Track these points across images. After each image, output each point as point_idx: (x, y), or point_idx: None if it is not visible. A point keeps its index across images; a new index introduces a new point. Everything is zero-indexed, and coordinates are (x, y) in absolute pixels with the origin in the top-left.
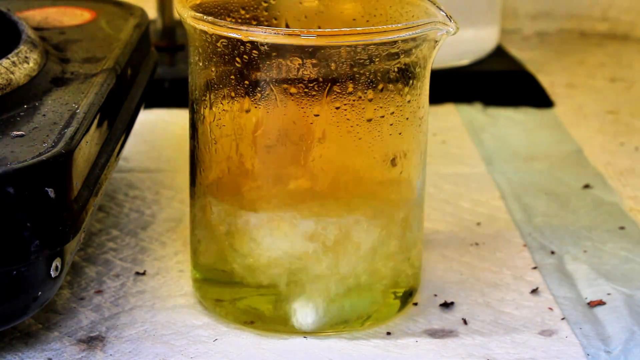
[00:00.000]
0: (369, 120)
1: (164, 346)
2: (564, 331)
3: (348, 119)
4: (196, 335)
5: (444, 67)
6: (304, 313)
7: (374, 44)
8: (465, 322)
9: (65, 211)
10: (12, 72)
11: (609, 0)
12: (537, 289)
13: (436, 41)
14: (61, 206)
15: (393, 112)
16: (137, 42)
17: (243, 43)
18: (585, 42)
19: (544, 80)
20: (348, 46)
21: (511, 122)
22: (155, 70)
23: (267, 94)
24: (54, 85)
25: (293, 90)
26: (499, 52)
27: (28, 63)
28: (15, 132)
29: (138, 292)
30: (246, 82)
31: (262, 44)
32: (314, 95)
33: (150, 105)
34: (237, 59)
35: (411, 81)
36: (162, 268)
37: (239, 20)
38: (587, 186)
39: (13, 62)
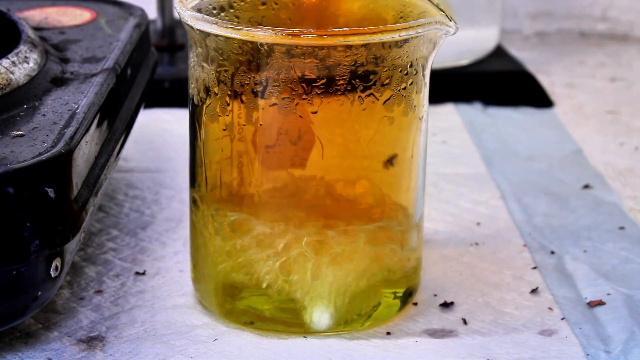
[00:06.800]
0: (369, 119)
1: (163, 346)
2: (564, 331)
3: (348, 118)
4: (196, 335)
5: (444, 67)
6: (304, 313)
7: (374, 44)
8: (465, 322)
9: (65, 211)
10: (12, 72)
11: (609, 0)
12: (537, 289)
13: (436, 41)
14: (61, 206)
15: (393, 112)
16: (137, 42)
17: (243, 43)
18: (585, 42)
19: (544, 80)
20: (348, 46)
21: (511, 122)
22: (155, 70)
23: (267, 94)
24: (54, 85)
25: (293, 89)
26: (499, 52)
27: (28, 63)
28: (15, 132)
29: (138, 292)
30: (246, 81)
31: (262, 44)
32: (314, 94)
33: (150, 105)
34: (237, 58)
35: (411, 81)
36: (162, 268)
37: (239, 20)
38: (587, 186)
39: (13, 62)
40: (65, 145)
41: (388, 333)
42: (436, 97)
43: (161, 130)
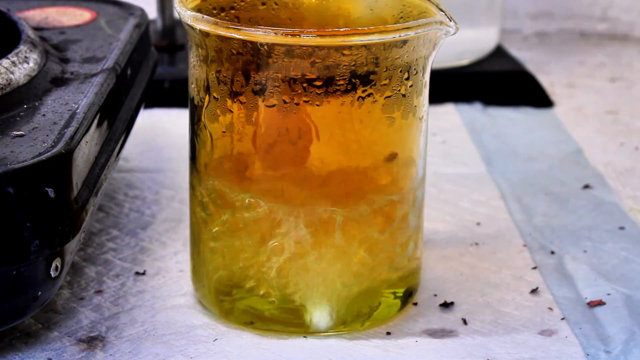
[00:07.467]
0: (369, 119)
1: (163, 346)
2: (564, 331)
3: (348, 118)
4: (196, 335)
5: (444, 67)
6: (304, 313)
7: (374, 44)
8: (465, 322)
9: (65, 211)
10: (12, 72)
11: (609, 0)
12: (537, 289)
13: (436, 41)
14: (61, 206)
15: (393, 112)
16: (137, 42)
17: (243, 43)
18: (585, 42)
19: (544, 80)
20: (348, 46)
21: (511, 122)
22: (155, 70)
23: (267, 93)
24: (54, 85)
25: (293, 89)
26: (499, 52)
27: (28, 63)
28: (15, 132)
29: (138, 292)
30: (246, 81)
31: (262, 44)
32: (314, 94)
33: (150, 105)
34: (237, 58)
35: (411, 81)
36: (162, 268)
37: (239, 20)
38: (587, 186)
39: (13, 62)
40: (65, 145)
41: (388, 333)
42: (436, 97)
43: (161, 130)
